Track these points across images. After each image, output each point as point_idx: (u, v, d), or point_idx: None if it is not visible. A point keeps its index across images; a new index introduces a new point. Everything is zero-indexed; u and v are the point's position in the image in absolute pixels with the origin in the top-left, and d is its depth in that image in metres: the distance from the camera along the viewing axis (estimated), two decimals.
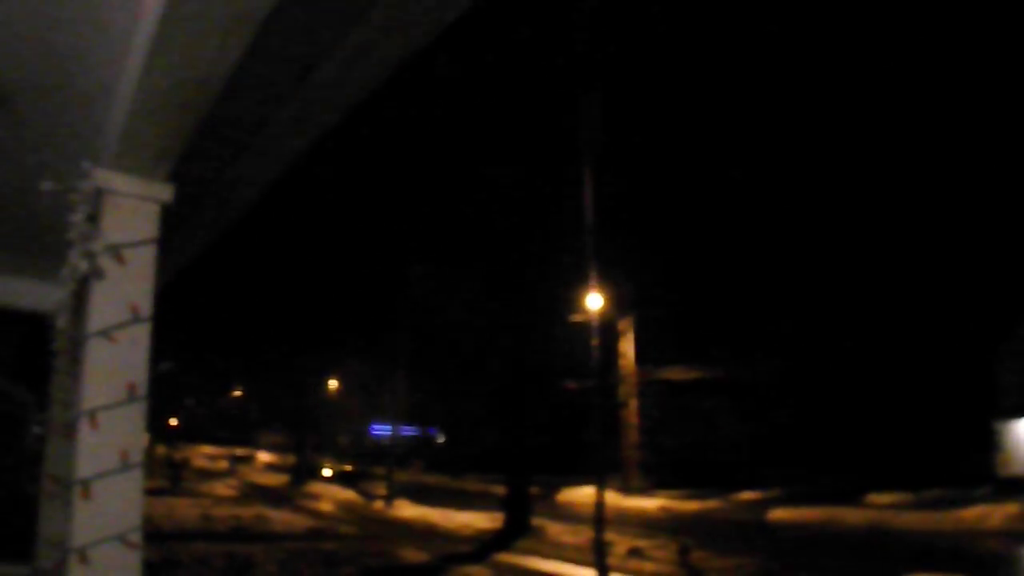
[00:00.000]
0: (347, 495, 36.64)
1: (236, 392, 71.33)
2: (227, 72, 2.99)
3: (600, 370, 23.06)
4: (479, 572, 16.77)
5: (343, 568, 16.48)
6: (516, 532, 23.53)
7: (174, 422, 63.88)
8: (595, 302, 22.94)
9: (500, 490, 27.83)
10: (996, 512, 21.20)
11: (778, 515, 25.09)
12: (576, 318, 26.91)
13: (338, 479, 43.84)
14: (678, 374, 34.68)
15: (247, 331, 45.17)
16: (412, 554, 18.91)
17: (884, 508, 24.15)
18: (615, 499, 28.33)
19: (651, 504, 30.03)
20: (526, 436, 28.25)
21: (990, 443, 27.49)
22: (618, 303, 30.93)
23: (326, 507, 31.70)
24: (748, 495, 29.71)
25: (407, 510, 29.57)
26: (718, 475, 32.69)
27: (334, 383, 49.16)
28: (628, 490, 32.81)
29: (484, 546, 21.05)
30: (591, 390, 23.54)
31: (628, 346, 35.62)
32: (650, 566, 18.09)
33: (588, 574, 16.66)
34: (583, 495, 29.30)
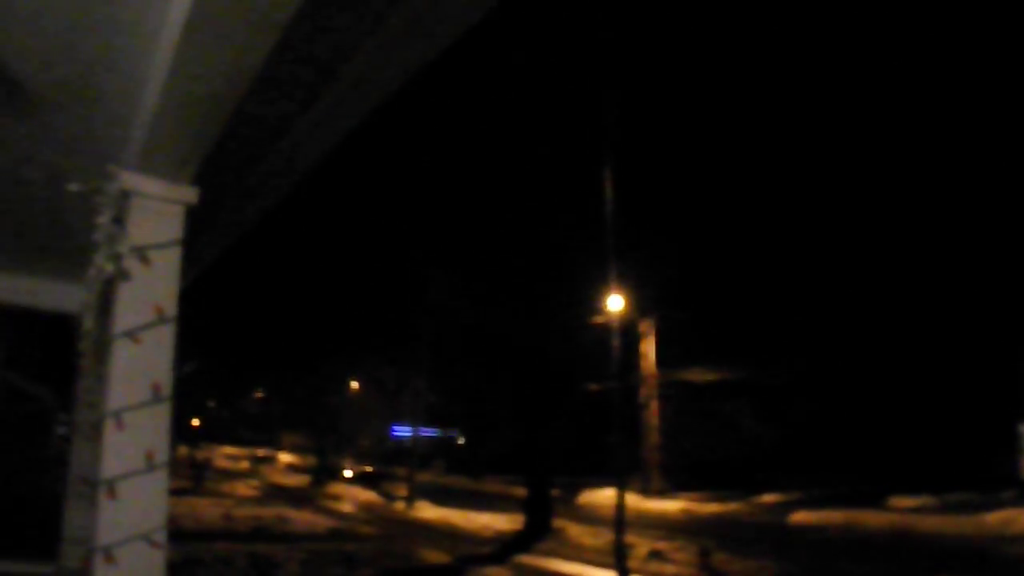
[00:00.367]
0: (368, 496, 36.71)
1: (258, 393, 71.61)
2: (252, 74, 3.02)
3: (621, 372, 23.01)
4: (500, 574, 16.78)
5: (364, 569, 16.52)
6: (537, 534, 23.54)
7: (196, 422, 64.20)
8: (616, 303, 22.93)
9: (521, 492, 27.85)
10: (1020, 516, 20.99)
11: (799, 518, 24.97)
12: (597, 320, 26.88)
13: (359, 480, 43.93)
14: (699, 376, 34.56)
15: (269, 332, 45.35)
16: (433, 555, 18.95)
17: (906, 511, 23.98)
18: (636, 501, 28.29)
19: (672, 506, 29.95)
20: (547, 438, 28.25)
21: (1014, 446, 27.24)
22: (639, 304, 30.87)
23: (347, 508, 31.78)
24: (769, 497, 29.59)
25: (428, 511, 29.62)
26: (739, 477, 32.56)
27: (355, 384, 49.28)
28: (649, 492, 32.73)
29: (505, 547, 21.06)
30: (612, 392, 23.47)
31: (649, 348, 35.54)
32: (671, 569, 18.05)
33: None
34: (604, 497, 29.25)
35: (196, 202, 4.00)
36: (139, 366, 3.77)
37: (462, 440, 61.24)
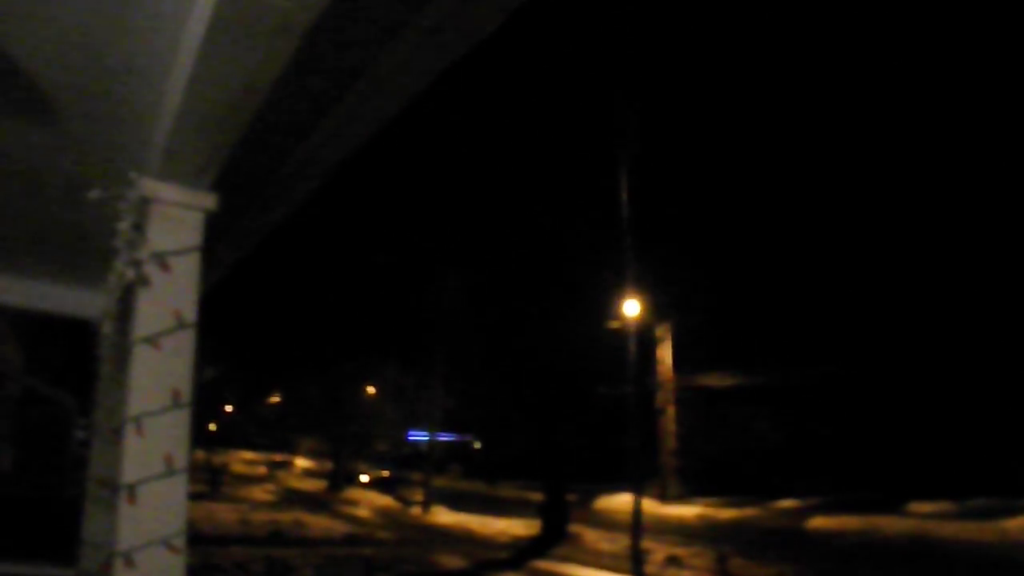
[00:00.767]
0: (384, 501, 36.79)
1: (274, 398, 71.78)
2: (272, 82, 3.02)
3: (637, 377, 23.01)
4: None
5: (380, 574, 16.55)
6: (553, 539, 23.54)
7: (213, 427, 64.40)
8: (632, 308, 22.93)
9: (537, 497, 27.85)
10: None
11: (817, 523, 24.85)
12: (614, 324, 26.85)
13: (375, 485, 44.04)
14: (716, 381, 34.46)
15: (286, 337, 45.49)
16: (449, 560, 18.97)
17: (925, 517, 23.82)
18: (652, 506, 28.23)
19: (689, 512, 29.86)
20: (563, 443, 28.24)
21: None
22: (656, 309, 30.82)
23: (363, 513, 31.84)
24: (787, 503, 29.47)
25: (444, 516, 29.66)
26: (757, 482, 32.42)
27: (371, 389, 49.36)
28: (665, 497, 32.65)
29: (521, 553, 21.07)
30: (628, 397, 23.46)
31: (666, 353, 35.48)
32: (688, 574, 18.01)
33: None
34: (620, 502, 29.20)
35: (215, 208, 4.01)
36: (159, 372, 3.78)
37: (478, 445, 61.23)
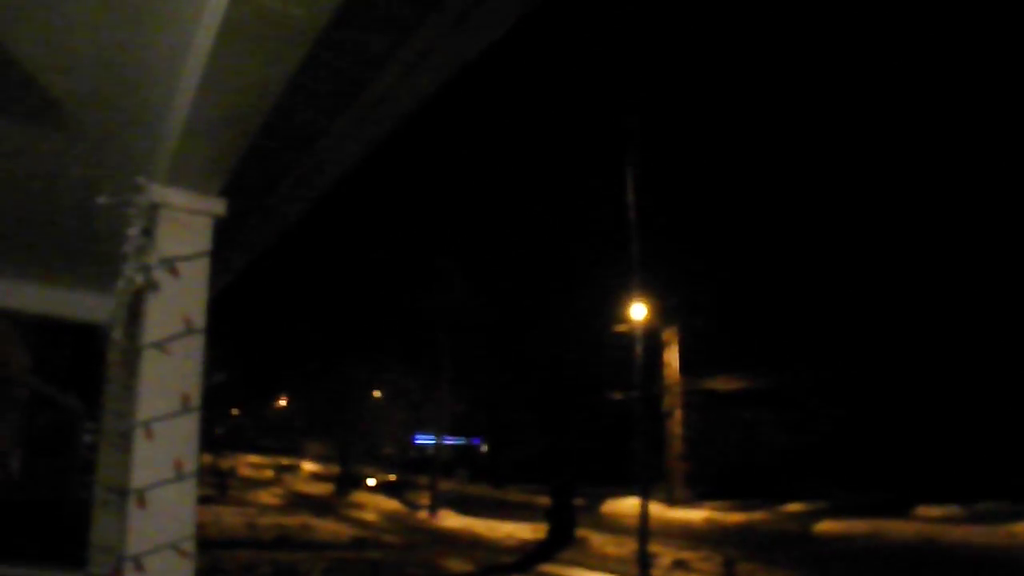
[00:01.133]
0: (391, 505, 36.79)
1: (281, 402, 71.85)
2: (281, 88, 3.04)
3: (644, 380, 22.99)
4: None
5: None
6: (560, 543, 23.51)
7: (219, 431, 64.44)
8: (639, 312, 22.92)
9: (544, 501, 27.82)
10: None
11: (825, 527, 24.81)
12: (620, 328, 26.83)
13: (382, 489, 44.03)
14: (724, 384, 34.39)
15: (292, 341, 45.54)
16: (456, 564, 18.97)
17: (934, 521, 23.77)
18: (659, 510, 28.19)
19: (696, 515, 29.82)
20: (570, 447, 28.22)
21: None
22: (663, 313, 30.81)
23: (370, 517, 31.85)
24: (794, 507, 29.41)
25: (451, 520, 29.65)
26: (764, 486, 32.36)
27: (378, 393, 49.37)
28: (673, 501, 32.61)
29: (528, 557, 21.06)
30: (635, 400, 23.44)
31: (672, 356, 35.44)
32: None
33: None
34: (627, 506, 29.18)
35: (224, 214, 4.04)
36: (168, 377, 3.80)
37: (485, 449, 61.21)
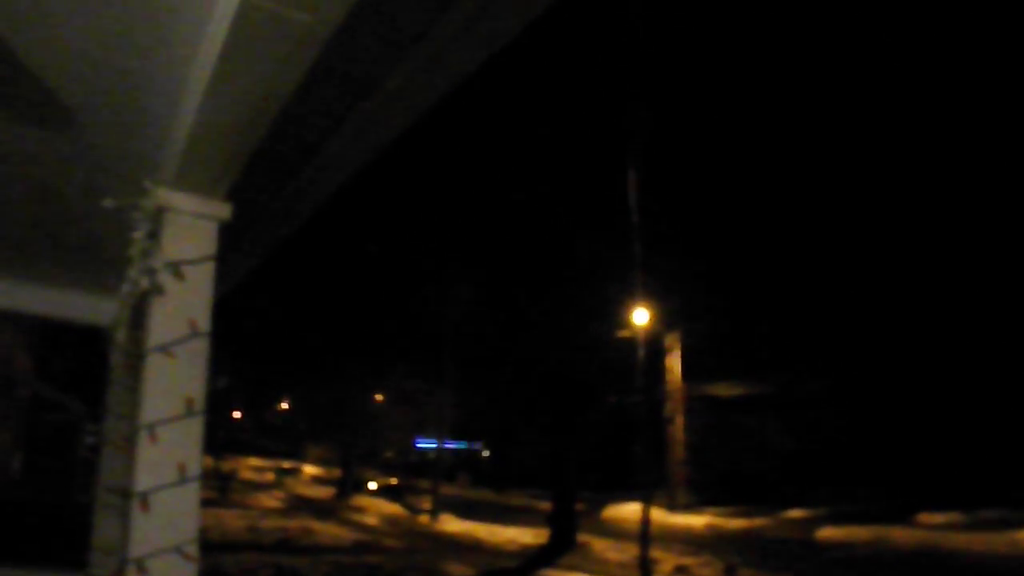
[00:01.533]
0: (392, 509, 36.79)
1: (283, 405, 71.90)
2: (288, 94, 3.05)
3: (646, 386, 22.99)
4: None
5: None
6: (561, 548, 23.50)
7: (222, 434, 64.48)
8: (642, 317, 22.93)
9: (545, 505, 27.83)
10: None
11: (826, 534, 24.79)
12: (623, 333, 26.83)
13: (383, 493, 44.03)
14: (725, 390, 34.41)
15: (294, 344, 45.53)
16: (457, 569, 18.95)
17: (935, 528, 23.74)
18: (661, 516, 28.18)
19: (697, 521, 29.81)
20: (572, 451, 28.20)
21: None
22: (665, 318, 30.80)
23: (371, 520, 31.84)
24: (796, 513, 29.39)
25: (452, 524, 29.64)
26: (766, 492, 32.35)
27: (380, 397, 49.40)
28: (674, 507, 32.60)
29: (529, 562, 21.05)
30: (637, 406, 23.44)
31: (675, 362, 35.44)
32: None
33: None
34: (629, 511, 29.16)
35: (230, 218, 4.04)
36: (173, 380, 3.81)
37: (487, 453, 61.23)
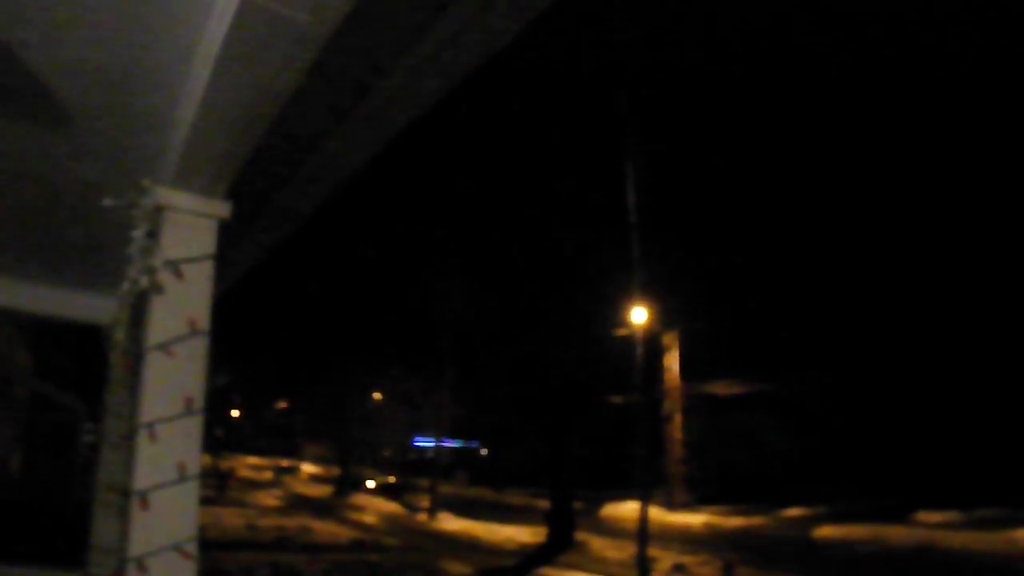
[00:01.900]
0: (391, 507, 36.79)
1: (281, 403, 71.89)
2: (287, 93, 3.06)
3: (644, 384, 22.99)
4: None
5: None
6: (560, 546, 23.50)
7: (220, 433, 64.46)
8: (640, 316, 22.92)
9: (544, 504, 27.82)
10: None
11: (824, 532, 24.80)
12: (621, 332, 26.84)
13: (381, 491, 44.03)
14: (724, 389, 34.41)
15: (292, 343, 45.52)
16: (455, 567, 18.96)
17: (933, 527, 23.75)
18: (659, 514, 28.19)
19: (695, 520, 29.82)
20: (570, 450, 28.21)
21: None
22: (663, 317, 30.81)
23: (370, 519, 31.84)
24: (794, 512, 29.40)
25: (450, 523, 29.64)
26: (764, 491, 32.35)
27: (378, 395, 49.39)
28: (672, 505, 32.61)
29: (527, 560, 21.05)
30: (635, 404, 23.44)
31: (673, 360, 35.45)
32: None
33: None
34: (627, 510, 29.18)
35: (229, 217, 4.05)
36: (172, 379, 3.81)
37: (485, 452, 61.22)
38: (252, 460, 64.83)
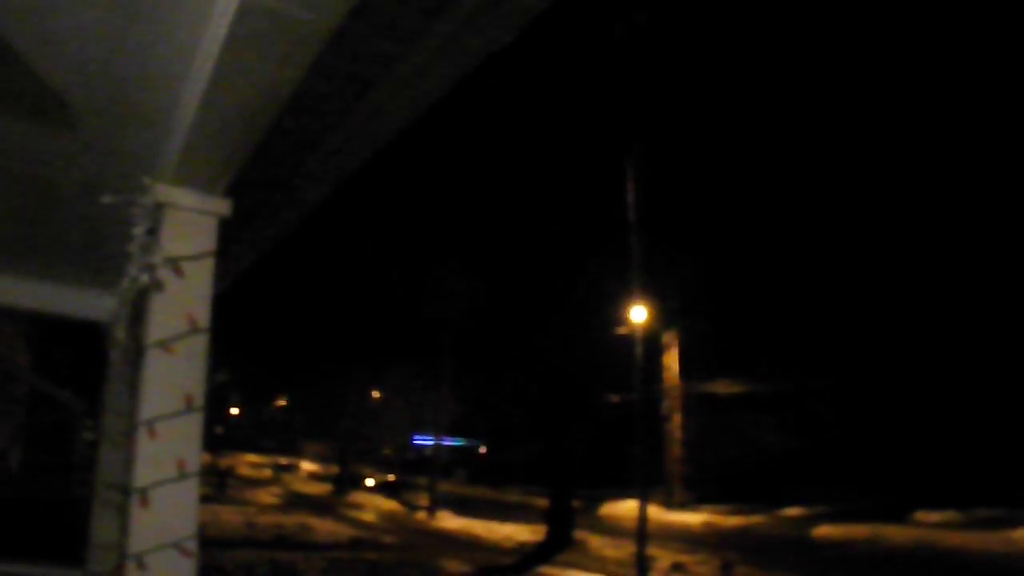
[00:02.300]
0: (389, 505, 36.81)
1: (280, 401, 71.89)
2: (288, 91, 3.05)
3: (644, 383, 22.99)
4: None
5: None
6: (558, 545, 23.52)
7: (219, 430, 64.49)
8: (639, 315, 22.92)
9: (543, 502, 27.83)
10: None
11: (823, 532, 24.82)
12: (621, 331, 26.83)
13: (380, 489, 44.04)
14: (723, 388, 34.41)
15: (292, 341, 45.52)
16: (454, 565, 18.97)
17: (931, 526, 23.77)
18: (658, 513, 28.20)
19: (694, 519, 29.83)
20: (569, 449, 28.21)
21: None
22: (663, 316, 30.81)
23: (368, 517, 31.85)
24: (793, 511, 29.42)
25: (449, 521, 29.66)
26: (763, 490, 32.36)
27: (377, 393, 49.38)
28: (671, 504, 32.63)
29: (526, 558, 21.07)
30: (634, 403, 23.43)
31: (672, 359, 35.45)
32: None
33: None
34: (626, 509, 29.19)
35: (229, 214, 4.04)
36: (172, 376, 3.81)
37: (484, 450, 61.24)
38: (251, 458, 64.87)
